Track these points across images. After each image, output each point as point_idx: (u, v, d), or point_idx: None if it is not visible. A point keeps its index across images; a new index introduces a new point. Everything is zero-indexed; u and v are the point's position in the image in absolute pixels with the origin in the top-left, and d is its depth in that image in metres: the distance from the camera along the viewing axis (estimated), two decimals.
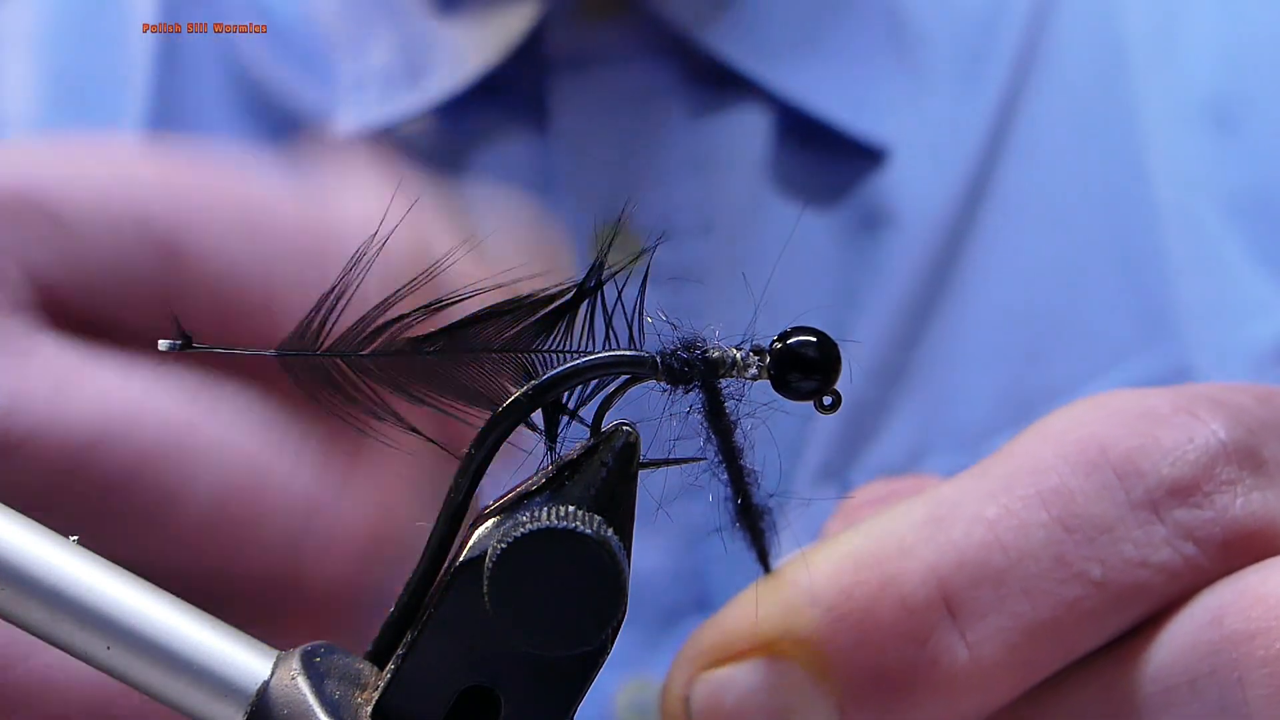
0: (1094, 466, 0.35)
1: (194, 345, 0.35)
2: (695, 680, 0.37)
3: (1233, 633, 0.33)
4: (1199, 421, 0.36)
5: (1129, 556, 0.34)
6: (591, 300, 0.35)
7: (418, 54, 0.76)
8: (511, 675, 0.32)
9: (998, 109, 0.78)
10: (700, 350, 0.34)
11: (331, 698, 0.32)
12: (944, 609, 0.35)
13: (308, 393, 0.35)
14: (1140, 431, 0.35)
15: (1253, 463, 0.36)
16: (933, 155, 0.76)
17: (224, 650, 0.32)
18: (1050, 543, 0.34)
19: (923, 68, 0.78)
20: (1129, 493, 0.35)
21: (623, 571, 0.31)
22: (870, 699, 0.35)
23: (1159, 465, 0.35)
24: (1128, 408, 0.37)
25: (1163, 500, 0.35)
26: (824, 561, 0.36)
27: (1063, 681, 0.36)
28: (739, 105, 0.76)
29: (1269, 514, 0.35)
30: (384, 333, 0.34)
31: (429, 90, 0.76)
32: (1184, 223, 0.77)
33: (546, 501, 0.32)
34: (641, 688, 0.72)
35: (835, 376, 0.34)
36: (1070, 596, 0.34)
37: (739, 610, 0.37)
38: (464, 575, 0.32)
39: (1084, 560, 0.34)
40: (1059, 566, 0.34)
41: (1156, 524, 0.35)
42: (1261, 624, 0.33)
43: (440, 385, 0.35)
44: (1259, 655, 0.33)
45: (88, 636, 0.32)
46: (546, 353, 0.35)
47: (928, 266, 0.75)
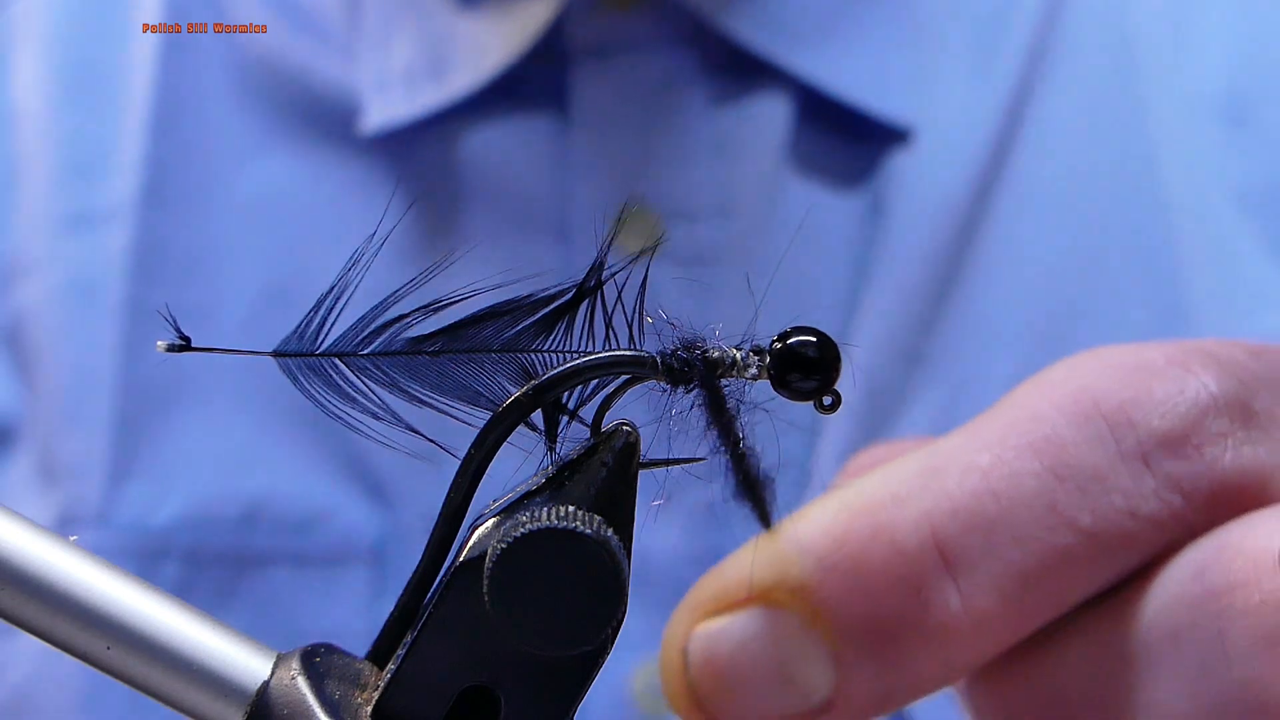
0: (1086, 417, 0.35)
1: (193, 346, 0.35)
2: (692, 631, 0.37)
3: (1213, 586, 0.34)
4: (1191, 374, 0.36)
5: (1118, 506, 0.35)
6: (592, 300, 0.35)
7: (441, 51, 0.77)
8: (511, 675, 0.32)
9: (1011, 98, 0.78)
10: (700, 350, 0.35)
11: (331, 698, 0.32)
12: (937, 556, 0.35)
13: (307, 393, 0.35)
14: (1133, 384, 0.36)
15: (1243, 415, 0.36)
16: (948, 141, 0.76)
17: (224, 650, 0.32)
18: (1042, 491, 0.35)
19: (938, 54, 0.79)
20: (1120, 443, 0.35)
21: (623, 571, 0.31)
22: (865, 647, 0.35)
23: (1150, 416, 0.35)
24: (1122, 361, 0.37)
25: (1153, 451, 0.35)
26: (818, 512, 0.36)
27: (1055, 634, 0.37)
28: (760, 90, 0.76)
29: (1259, 467, 0.36)
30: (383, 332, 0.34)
31: (453, 86, 0.76)
32: (1196, 214, 0.77)
33: (546, 501, 0.32)
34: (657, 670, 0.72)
35: (835, 376, 0.34)
36: (1061, 544, 0.35)
37: (736, 563, 0.37)
38: (464, 575, 0.32)
39: (1075, 509, 0.35)
40: (1050, 514, 0.34)
41: (1146, 475, 0.35)
42: (1240, 577, 0.33)
43: (440, 385, 0.35)
44: (1238, 608, 0.33)
45: (88, 636, 0.32)
46: (546, 353, 0.35)
47: (944, 252, 0.75)
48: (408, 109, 0.76)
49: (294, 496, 0.74)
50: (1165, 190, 0.77)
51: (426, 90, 0.76)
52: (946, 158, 0.76)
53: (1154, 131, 0.78)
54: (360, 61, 0.78)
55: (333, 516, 0.74)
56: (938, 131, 0.77)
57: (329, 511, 0.74)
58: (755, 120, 0.76)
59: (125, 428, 0.74)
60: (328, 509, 0.74)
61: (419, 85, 0.76)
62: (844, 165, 0.77)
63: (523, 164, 0.76)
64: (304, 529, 0.74)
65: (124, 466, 0.73)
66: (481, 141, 0.76)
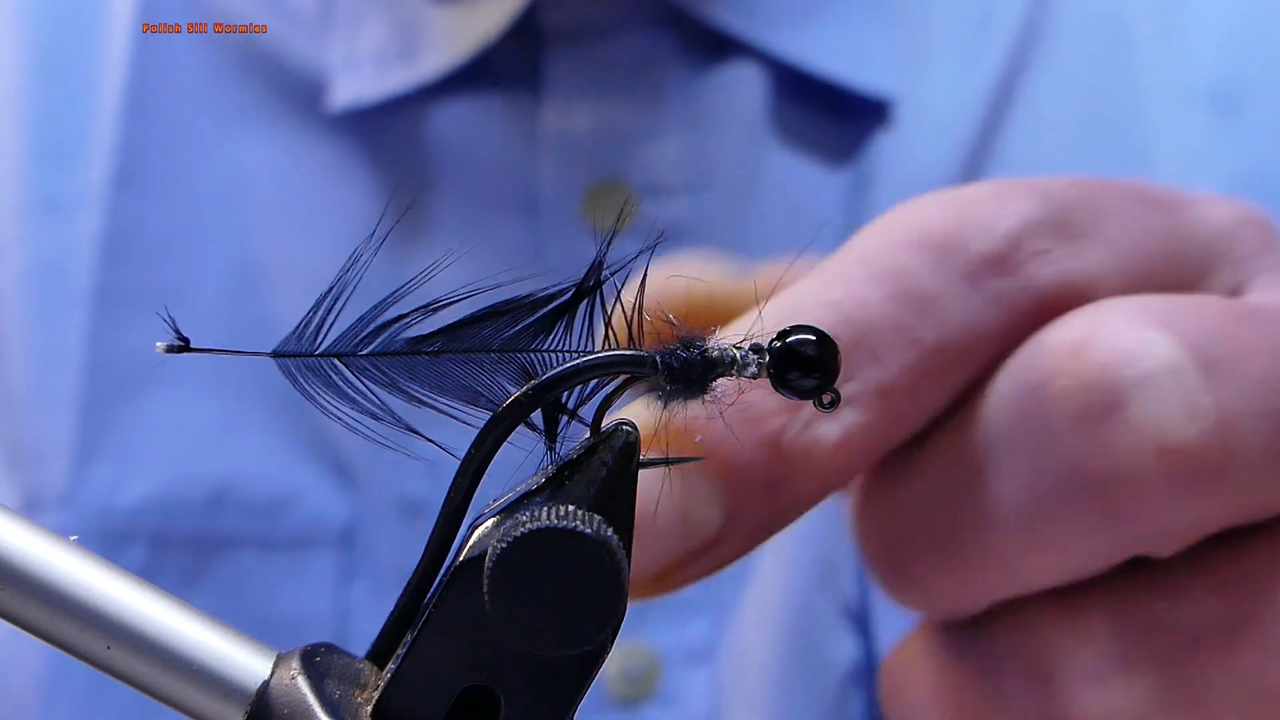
0: (919, 246, 0.39)
1: (192, 347, 0.35)
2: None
3: (1029, 381, 0.38)
4: (1011, 201, 0.40)
5: (955, 322, 0.39)
6: (591, 300, 0.35)
7: (412, 35, 0.76)
8: (511, 675, 0.32)
9: (1001, 78, 0.78)
10: (699, 349, 0.35)
11: (331, 697, 0.32)
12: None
13: (306, 394, 0.35)
14: (959, 213, 0.40)
15: (1062, 233, 0.40)
16: (935, 119, 0.76)
17: (224, 650, 0.32)
18: (888, 314, 0.39)
19: (926, 32, 0.78)
20: (949, 266, 0.39)
21: (623, 571, 0.31)
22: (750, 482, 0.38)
23: (972, 240, 0.39)
24: (951, 197, 0.41)
25: (978, 270, 0.39)
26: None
27: (914, 449, 0.41)
28: (733, 65, 0.77)
29: (1079, 278, 0.40)
30: (382, 332, 0.34)
31: (423, 69, 0.76)
32: None
33: (546, 501, 0.32)
34: (629, 654, 0.72)
35: (835, 374, 0.34)
36: (910, 359, 0.39)
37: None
38: (464, 575, 0.32)
39: (919, 328, 0.39)
40: (897, 334, 0.39)
41: (974, 293, 0.39)
42: (1050, 367, 0.38)
43: (439, 385, 0.35)
44: (1052, 396, 0.38)
45: (88, 636, 0.32)
46: (546, 352, 0.35)
47: None
48: (377, 87, 0.76)
49: (261, 479, 0.73)
50: (1156, 177, 0.77)
51: (396, 71, 0.76)
52: (934, 135, 0.76)
53: (1145, 118, 0.78)
54: (330, 43, 0.78)
55: (300, 499, 0.74)
56: (925, 109, 0.77)
57: (296, 494, 0.74)
58: (728, 93, 0.76)
59: (91, 410, 0.74)
60: (295, 492, 0.74)
61: (389, 66, 0.76)
62: (828, 141, 0.77)
63: (493, 142, 0.76)
64: (271, 512, 0.73)
65: (89, 449, 0.73)
66: (451, 119, 0.76)
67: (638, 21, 0.76)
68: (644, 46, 0.76)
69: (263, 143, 0.78)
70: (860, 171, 0.76)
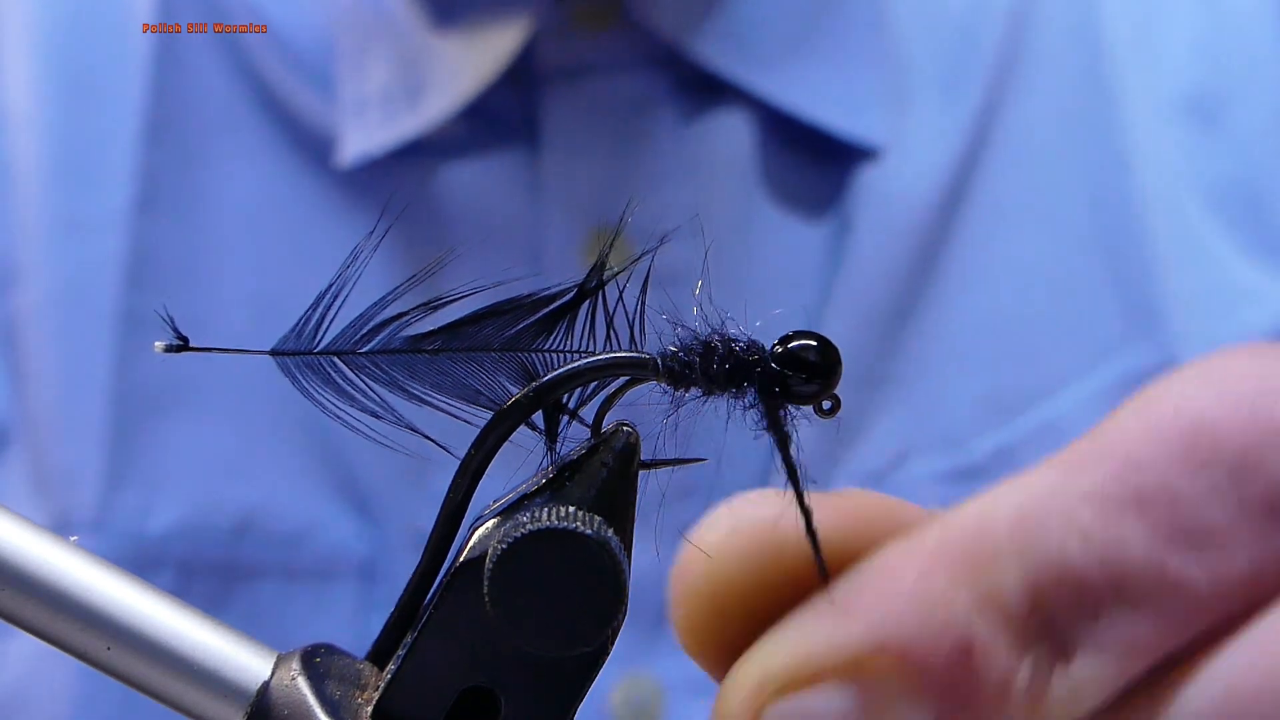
0: (1202, 463, 0.30)
1: (191, 346, 0.35)
2: (766, 711, 0.32)
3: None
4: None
5: (1241, 568, 0.30)
6: (592, 300, 0.35)
7: (416, 73, 0.77)
8: (511, 675, 0.32)
9: (980, 113, 0.78)
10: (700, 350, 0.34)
11: (332, 698, 0.32)
12: (1042, 625, 0.31)
13: (305, 392, 0.35)
14: (1259, 415, 0.30)
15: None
16: (916, 161, 0.77)
17: (224, 651, 0.32)
18: (1152, 556, 0.30)
19: (906, 74, 0.79)
20: (1242, 494, 0.30)
21: (623, 572, 0.31)
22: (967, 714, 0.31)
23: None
24: (1243, 384, 0.30)
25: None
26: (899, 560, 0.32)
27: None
28: (724, 110, 0.77)
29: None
30: (382, 330, 0.34)
31: (428, 112, 0.76)
32: (1168, 215, 0.78)
33: (547, 502, 0.32)
34: (636, 685, 0.72)
35: (836, 380, 0.34)
36: (1171, 615, 0.30)
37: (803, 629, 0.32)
38: (464, 576, 0.32)
39: (1189, 576, 0.30)
40: (1161, 583, 0.30)
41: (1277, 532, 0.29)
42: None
43: (440, 384, 0.35)
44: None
45: (88, 636, 0.32)
46: (547, 352, 0.35)
47: (910, 269, 0.76)
48: (384, 136, 0.77)
49: (284, 509, 0.74)
50: (1137, 192, 0.78)
51: (402, 116, 0.77)
52: (915, 174, 0.77)
53: (1125, 133, 0.79)
54: (337, 86, 0.78)
55: (321, 531, 0.74)
56: (907, 149, 0.77)
57: (318, 526, 0.74)
58: (719, 140, 0.77)
59: (119, 434, 0.74)
60: (317, 523, 0.74)
61: (395, 110, 0.77)
62: (813, 187, 0.78)
63: (496, 195, 0.77)
64: (294, 542, 0.74)
65: (119, 473, 0.73)
66: (455, 174, 0.77)
67: (630, 62, 0.77)
68: (637, 87, 0.77)
69: (279, 186, 0.78)
70: (842, 215, 0.77)
